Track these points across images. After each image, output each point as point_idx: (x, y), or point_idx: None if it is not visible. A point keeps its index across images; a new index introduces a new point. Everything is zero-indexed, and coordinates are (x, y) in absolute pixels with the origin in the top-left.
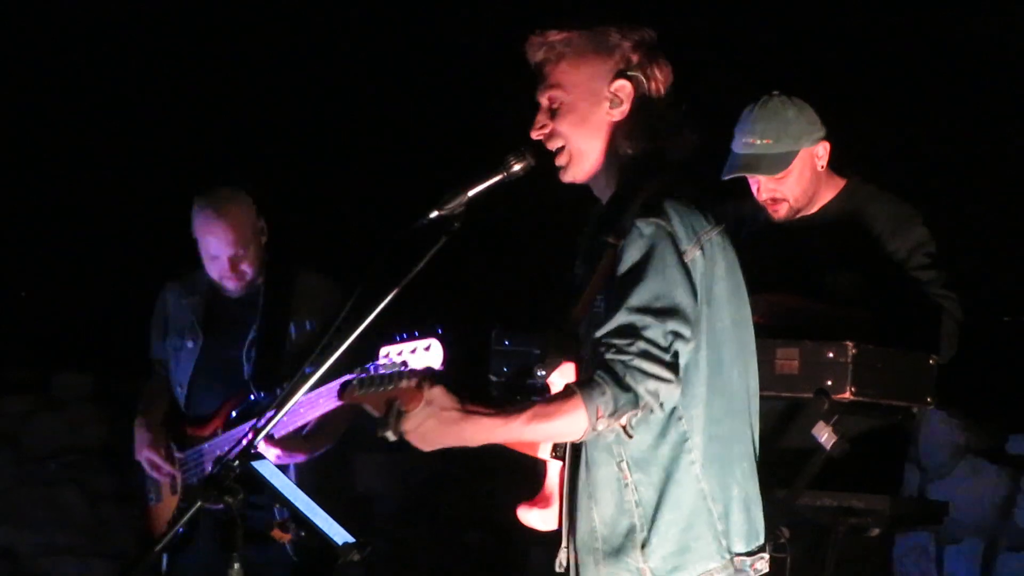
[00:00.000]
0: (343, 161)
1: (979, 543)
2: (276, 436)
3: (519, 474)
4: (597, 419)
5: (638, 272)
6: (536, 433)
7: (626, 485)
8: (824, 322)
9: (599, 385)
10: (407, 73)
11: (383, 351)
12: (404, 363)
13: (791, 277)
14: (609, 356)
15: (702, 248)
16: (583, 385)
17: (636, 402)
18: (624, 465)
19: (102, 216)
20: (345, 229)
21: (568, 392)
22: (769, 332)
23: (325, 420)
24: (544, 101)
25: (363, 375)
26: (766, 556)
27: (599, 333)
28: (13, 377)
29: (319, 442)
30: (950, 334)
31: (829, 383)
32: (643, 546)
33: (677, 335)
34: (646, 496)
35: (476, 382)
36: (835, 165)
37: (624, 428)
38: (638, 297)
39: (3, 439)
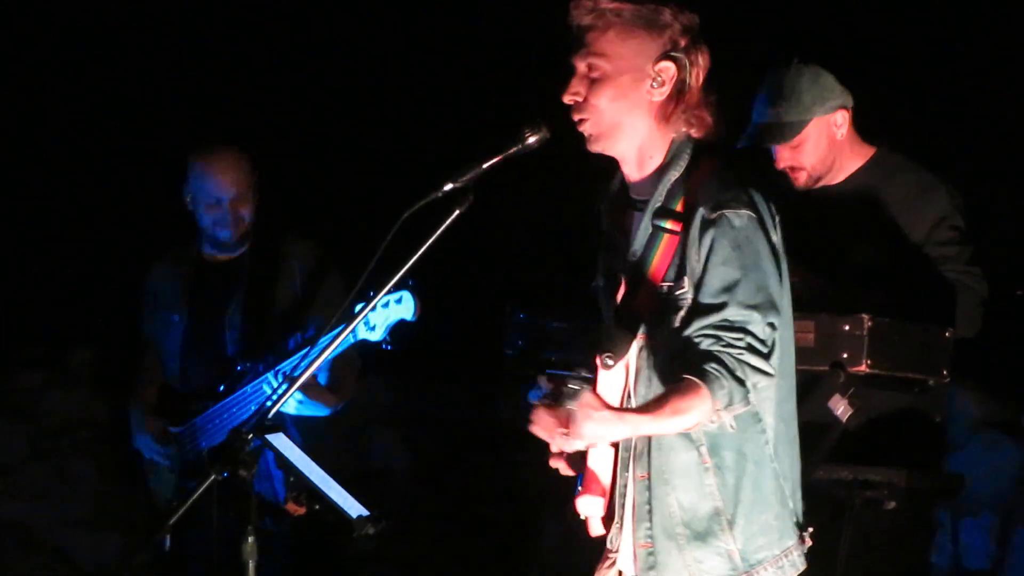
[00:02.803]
0: (334, 130)
1: (995, 517)
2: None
3: (536, 449)
4: (715, 412)
5: (738, 265)
6: (672, 426)
7: (706, 469)
8: (835, 302)
9: (718, 378)
10: (401, 41)
11: (358, 307)
12: (582, 374)
13: (813, 246)
14: (718, 348)
15: (779, 232)
16: (704, 377)
17: (747, 396)
18: (703, 449)
19: (118, 191)
20: (336, 198)
21: (693, 385)
22: None
23: (335, 376)
24: (582, 67)
25: (553, 390)
26: (811, 529)
27: (702, 323)
28: (27, 352)
29: (337, 396)
30: (972, 310)
31: (845, 356)
32: (731, 528)
33: (773, 327)
34: (727, 479)
35: (491, 356)
36: (866, 134)
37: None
38: (744, 292)
39: (17, 414)
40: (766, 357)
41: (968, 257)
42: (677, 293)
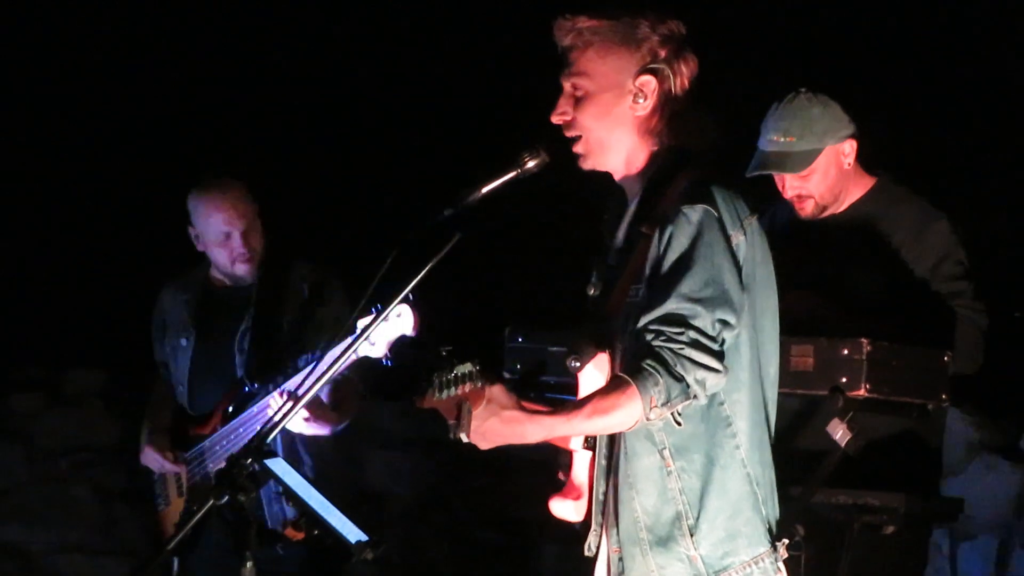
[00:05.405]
0: (339, 155)
1: (993, 540)
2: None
3: (533, 471)
4: (650, 409)
5: (687, 258)
6: (594, 427)
7: (669, 473)
8: (837, 326)
9: (652, 375)
10: (407, 66)
11: (359, 323)
12: (472, 365)
13: (815, 275)
14: (658, 343)
15: (745, 233)
16: (635, 375)
17: (687, 392)
18: (666, 453)
19: (116, 211)
20: (342, 223)
21: (621, 383)
22: (784, 328)
23: (337, 396)
24: (568, 87)
25: (434, 379)
26: (787, 541)
27: (646, 319)
28: (24, 374)
29: (339, 416)
30: (975, 346)
31: (844, 380)
32: (692, 534)
33: (725, 323)
34: (689, 483)
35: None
36: (866, 163)
37: (673, 416)
38: (688, 284)
39: (15, 437)
40: (714, 354)
41: (973, 291)
42: (641, 296)
